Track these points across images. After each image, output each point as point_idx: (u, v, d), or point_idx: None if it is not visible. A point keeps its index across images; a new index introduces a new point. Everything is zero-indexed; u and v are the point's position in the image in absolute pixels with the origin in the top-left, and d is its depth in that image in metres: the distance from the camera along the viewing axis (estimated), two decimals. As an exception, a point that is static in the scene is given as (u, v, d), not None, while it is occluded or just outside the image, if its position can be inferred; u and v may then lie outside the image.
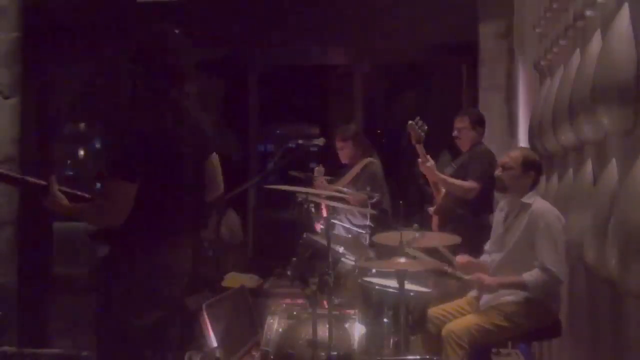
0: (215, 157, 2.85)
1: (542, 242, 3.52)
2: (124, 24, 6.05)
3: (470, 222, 4.47)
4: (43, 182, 2.55)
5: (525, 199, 3.66)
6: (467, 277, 3.71)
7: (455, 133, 4.76)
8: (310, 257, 3.83)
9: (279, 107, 8.45)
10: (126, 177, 2.49)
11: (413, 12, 6.13)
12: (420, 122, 4.53)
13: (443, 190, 4.74)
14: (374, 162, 5.29)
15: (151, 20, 5.82)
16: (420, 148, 4.55)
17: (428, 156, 4.57)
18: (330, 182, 5.12)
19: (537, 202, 3.64)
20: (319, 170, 5.18)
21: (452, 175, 4.69)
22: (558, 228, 3.53)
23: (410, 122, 4.55)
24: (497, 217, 3.89)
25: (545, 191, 4.05)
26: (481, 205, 4.58)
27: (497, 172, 3.77)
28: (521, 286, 3.54)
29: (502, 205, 3.88)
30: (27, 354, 4.11)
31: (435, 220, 4.72)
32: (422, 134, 4.52)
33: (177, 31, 2.73)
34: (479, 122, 4.76)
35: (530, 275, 3.50)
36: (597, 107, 2.76)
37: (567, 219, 3.54)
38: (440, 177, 4.61)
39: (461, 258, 3.87)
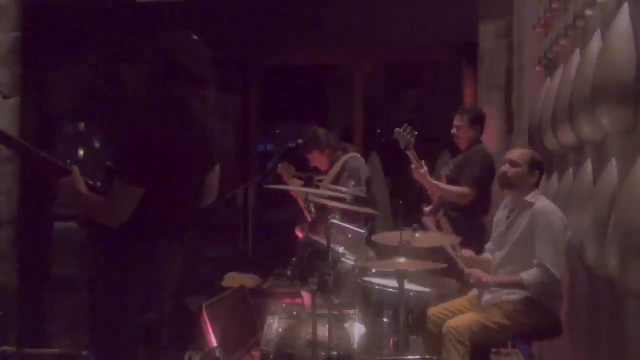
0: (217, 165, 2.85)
1: (542, 240, 3.53)
2: (124, 24, 6.05)
3: (464, 223, 4.45)
4: (68, 168, 2.54)
5: (529, 198, 3.67)
6: (467, 270, 3.72)
7: (453, 131, 4.71)
8: (310, 257, 3.84)
9: (279, 107, 8.45)
10: (136, 181, 2.48)
11: (413, 11, 6.13)
12: (408, 129, 4.50)
13: None
14: (352, 157, 5.16)
15: (150, 20, 5.84)
16: (411, 154, 4.51)
17: (422, 162, 4.55)
18: (319, 181, 5.08)
19: (540, 201, 3.65)
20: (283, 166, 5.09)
21: (448, 176, 4.68)
22: (559, 227, 3.53)
23: (397, 129, 4.52)
24: (500, 215, 3.90)
25: (545, 191, 4.05)
26: (476, 206, 4.57)
27: (504, 168, 3.77)
28: (519, 286, 3.55)
29: (506, 202, 3.88)
30: (27, 354, 4.11)
31: (432, 220, 4.72)
32: (412, 140, 4.48)
33: (196, 37, 2.72)
34: (478, 121, 4.71)
35: (528, 275, 3.51)
36: (597, 107, 2.76)
37: (567, 219, 3.55)
38: (433, 184, 4.58)
39: (466, 252, 3.88)
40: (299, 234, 4.87)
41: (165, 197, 2.57)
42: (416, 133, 4.48)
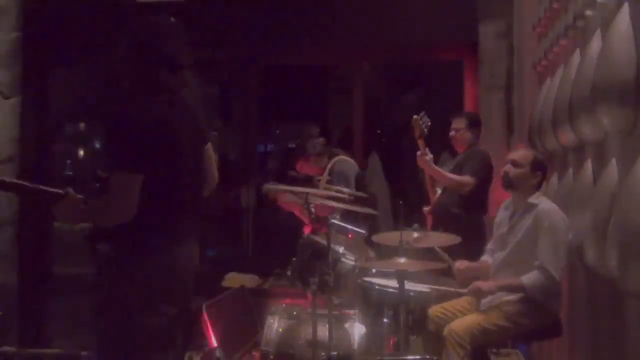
0: (210, 149, 2.82)
1: (544, 241, 3.52)
2: (124, 24, 6.04)
3: (464, 222, 4.49)
4: (59, 191, 2.54)
5: (532, 199, 3.67)
6: (464, 290, 3.71)
7: (452, 133, 4.84)
8: (310, 257, 3.84)
9: (279, 107, 8.45)
10: (131, 169, 2.47)
11: (413, 11, 6.12)
12: (425, 118, 4.58)
13: (438, 191, 4.78)
14: (338, 160, 5.18)
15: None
16: (421, 143, 4.60)
17: (427, 149, 4.62)
18: (317, 181, 5.08)
19: (543, 203, 3.64)
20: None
21: None
22: (562, 229, 3.52)
23: (415, 116, 4.59)
24: (501, 216, 3.89)
25: (545, 191, 4.05)
26: (475, 205, 4.62)
27: (506, 168, 3.77)
28: (519, 289, 3.54)
29: (507, 203, 3.88)
30: (27, 354, 4.11)
31: (429, 220, 4.76)
32: (425, 129, 4.57)
33: (172, 19, 2.73)
34: (475, 124, 4.86)
35: (528, 278, 3.50)
36: (597, 107, 2.76)
37: (567, 219, 3.54)
38: (436, 170, 4.67)
39: (460, 264, 3.88)
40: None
41: (164, 183, 2.55)
42: (429, 123, 4.57)
